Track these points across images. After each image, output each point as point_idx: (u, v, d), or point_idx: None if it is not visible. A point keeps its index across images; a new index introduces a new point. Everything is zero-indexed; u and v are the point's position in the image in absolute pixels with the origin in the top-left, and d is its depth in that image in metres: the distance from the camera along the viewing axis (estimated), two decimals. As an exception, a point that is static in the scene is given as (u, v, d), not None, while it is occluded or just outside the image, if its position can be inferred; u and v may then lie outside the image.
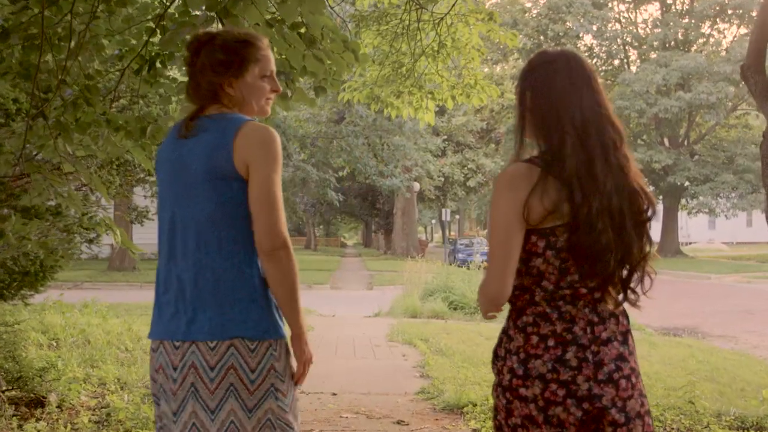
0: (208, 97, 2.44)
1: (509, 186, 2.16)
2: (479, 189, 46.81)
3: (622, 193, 2.16)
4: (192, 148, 2.38)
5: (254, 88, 2.49)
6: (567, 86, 2.22)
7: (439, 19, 7.46)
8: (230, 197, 2.34)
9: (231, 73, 2.43)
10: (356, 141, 31.66)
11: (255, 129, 2.35)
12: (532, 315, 2.19)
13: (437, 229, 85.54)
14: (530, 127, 2.25)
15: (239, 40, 2.48)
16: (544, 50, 2.35)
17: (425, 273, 16.79)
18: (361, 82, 8.23)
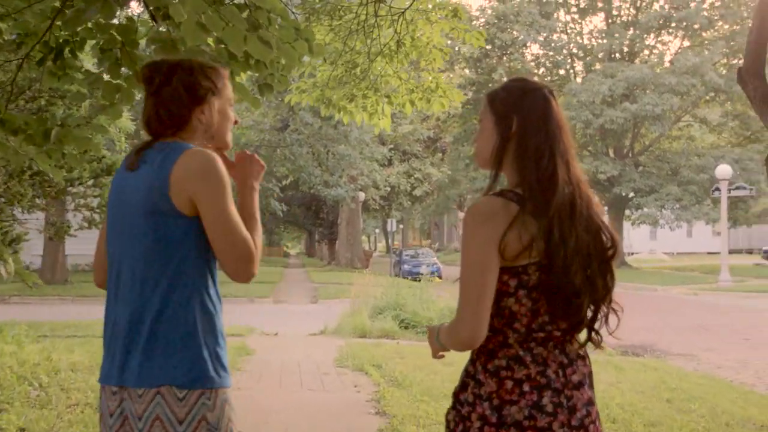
0: (171, 127, 2.31)
1: (484, 221, 2.06)
2: (425, 198, 46.33)
3: (590, 230, 2.12)
4: (133, 182, 2.27)
5: (224, 116, 2.41)
6: (560, 117, 2.17)
7: (398, 14, 6.70)
8: (167, 234, 2.21)
9: (207, 99, 2.34)
10: (300, 150, 30.84)
11: (195, 156, 2.20)
12: (504, 358, 2.11)
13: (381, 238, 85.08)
14: (513, 157, 2.15)
15: (210, 66, 2.40)
16: (524, 78, 2.28)
17: (373, 287, 16.04)
18: (310, 83, 7.41)
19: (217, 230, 2.18)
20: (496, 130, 2.18)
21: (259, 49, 2.80)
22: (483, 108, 2.27)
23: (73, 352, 9.21)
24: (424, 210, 59.21)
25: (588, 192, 2.19)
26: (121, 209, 2.29)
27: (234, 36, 2.74)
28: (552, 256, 2.05)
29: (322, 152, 31.85)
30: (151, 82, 2.33)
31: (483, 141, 2.23)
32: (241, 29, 2.72)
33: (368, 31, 6.81)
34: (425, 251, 40.23)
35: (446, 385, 7.39)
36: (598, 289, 2.15)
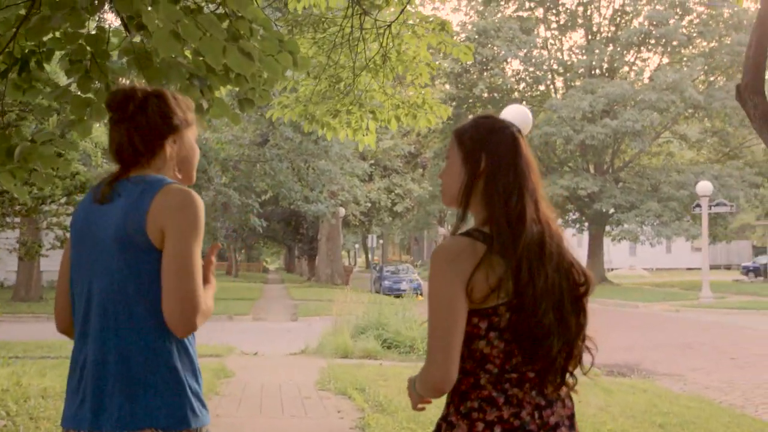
0: (140, 157, 2.23)
1: (451, 262, 2.02)
2: (405, 214, 46.14)
3: (561, 269, 2.09)
4: (105, 215, 2.17)
5: (192, 149, 2.35)
6: (528, 156, 2.16)
7: (384, 27, 6.47)
8: (142, 269, 2.11)
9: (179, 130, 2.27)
10: (280, 165, 30.52)
11: (174, 192, 2.13)
12: (477, 400, 2.07)
13: (360, 253, 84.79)
14: (481, 196, 2.12)
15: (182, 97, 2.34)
16: (492, 115, 2.27)
17: (354, 304, 15.75)
18: (293, 98, 7.15)
19: (172, 266, 2.07)
20: (464, 168, 2.16)
21: (240, 62, 2.54)
22: (451, 145, 2.24)
23: (44, 377, 8.87)
24: (404, 225, 58.98)
25: (558, 230, 2.16)
26: (91, 243, 2.19)
27: (212, 47, 2.47)
28: (520, 297, 2.02)
29: (302, 167, 31.56)
30: (125, 109, 2.24)
31: (450, 178, 2.20)
32: (220, 40, 2.46)
33: (353, 45, 6.58)
34: (406, 267, 40.01)
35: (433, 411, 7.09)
36: (571, 328, 2.11)
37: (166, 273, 2.07)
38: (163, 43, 2.38)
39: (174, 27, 2.32)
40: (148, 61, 3.08)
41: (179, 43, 2.41)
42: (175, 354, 2.14)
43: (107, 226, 2.15)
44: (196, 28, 2.43)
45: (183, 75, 3.10)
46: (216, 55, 2.47)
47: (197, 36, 2.45)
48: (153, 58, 3.08)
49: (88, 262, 2.20)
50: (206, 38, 2.44)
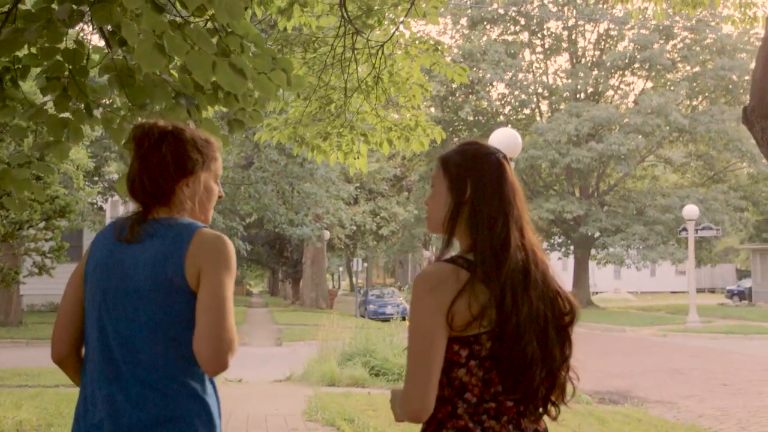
0: (157, 196, 2.22)
1: (432, 289, 2.00)
2: (390, 237, 45.91)
3: (545, 297, 2.08)
4: (136, 255, 2.17)
5: (208, 191, 2.35)
6: (514, 182, 2.16)
7: (377, 47, 6.26)
8: (178, 311, 2.12)
9: (194, 172, 2.26)
10: (265, 188, 30.24)
11: (209, 237, 2.17)
12: (452, 429, 2.05)
13: (345, 276, 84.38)
14: (466, 223, 2.12)
15: (203, 137, 2.32)
16: (478, 141, 2.26)
17: (340, 329, 15.46)
18: (282, 120, 6.92)
19: (208, 306, 2.08)
20: (449, 195, 2.15)
21: (231, 79, 2.29)
22: (436, 171, 2.23)
23: (20, 408, 8.53)
24: (389, 248, 58.72)
25: (543, 258, 2.15)
26: (118, 283, 2.16)
27: (200, 62, 2.23)
28: (503, 325, 1.99)
29: (287, 190, 31.30)
30: (141, 145, 2.23)
31: (436, 205, 2.19)
32: (209, 54, 2.23)
33: (344, 65, 6.37)
34: (391, 291, 39.77)
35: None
36: (555, 357, 2.09)
37: (201, 312, 2.08)
38: (146, 58, 2.13)
39: (158, 39, 2.09)
40: (130, 79, 2.84)
41: (164, 57, 2.18)
42: (207, 391, 2.18)
43: (140, 267, 2.14)
44: (183, 41, 2.19)
45: (168, 94, 2.86)
46: (205, 71, 2.22)
47: (184, 50, 2.20)
48: (136, 76, 2.85)
49: (113, 302, 2.17)
50: (194, 52, 2.19)
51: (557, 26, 42.12)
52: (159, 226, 2.18)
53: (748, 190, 42.15)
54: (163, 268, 2.12)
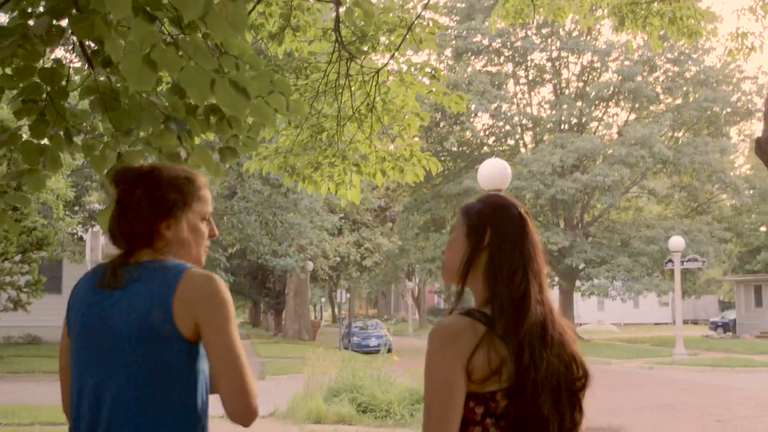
0: (139, 240, 2.11)
1: (450, 342, 1.94)
2: (373, 268, 45.59)
3: (562, 358, 2.01)
4: (119, 302, 2.03)
5: (195, 232, 2.20)
6: (535, 237, 2.11)
7: (372, 73, 6.02)
8: (167, 361, 2.00)
9: (173, 213, 2.13)
10: (248, 218, 29.90)
11: (198, 279, 2.03)
12: None
13: (327, 306, 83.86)
14: (483, 272, 2.05)
15: (183, 176, 2.18)
16: (501, 194, 2.22)
17: (325, 363, 15.10)
18: (272, 149, 6.65)
19: (224, 359, 1.98)
20: (467, 241, 2.10)
21: (231, 98, 2.00)
22: (456, 220, 2.19)
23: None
24: (372, 279, 58.39)
25: (560, 318, 2.09)
26: (102, 335, 2.03)
27: (197, 79, 1.93)
28: (521, 381, 1.94)
29: (270, 221, 30.98)
30: (116, 189, 2.14)
31: (452, 252, 2.14)
32: (208, 70, 1.95)
33: (338, 92, 6.12)
34: (375, 323, 39.41)
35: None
36: (565, 422, 2.02)
37: (217, 370, 1.99)
38: (134, 75, 1.84)
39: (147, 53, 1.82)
40: (114, 102, 2.57)
41: (154, 74, 1.90)
42: None
43: (124, 316, 2.02)
44: (176, 56, 1.91)
45: (157, 118, 2.59)
46: (202, 90, 1.91)
47: (178, 65, 1.92)
48: (121, 98, 2.58)
49: (97, 356, 2.05)
50: (190, 68, 1.90)
51: (541, 58, 42.30)
52: (143, 269, 2.04)
53: (731, 221, 42.26)
54: (149, 315, 1.98)
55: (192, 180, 2.21)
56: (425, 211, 42.09)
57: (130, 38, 1.83)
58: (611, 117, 42.78)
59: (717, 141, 38.98)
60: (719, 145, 38.83)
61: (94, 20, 1.97)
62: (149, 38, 1.86)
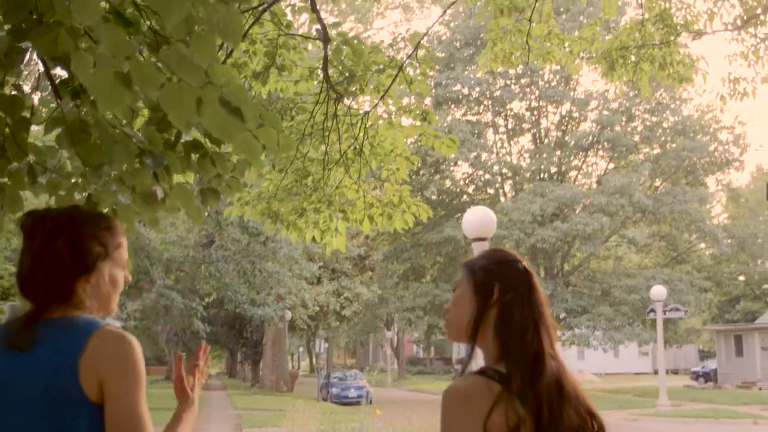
0: (55, 295, 1.94)
1: (464, 402, 1.88)
2: (353, 318, 45.07)
3: (580, 414, 1.95)
4: (24, 365, 1.88)
5: (114, 283, 2.05)
6: (541, 291, 2.07)
7: (361, 115, 5.76)
8: (75, 428, 1.84)
9: (95, 267, 1.98)
10: (227, 266, 29.45)
11: (108, 338, 1.88)
12: None
13: (304, 356, 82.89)
14: (494, 329, 1.97)
15: (104, 225, 2.03)
16: (503, 249, 2.17)
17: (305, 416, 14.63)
18: (255, 194, 6.33)
19: (124, 422, 1.83)
20: (475, 298, 2.02)
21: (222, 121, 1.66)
22: (460, 276, 2.11)
23: None
24: (351, 329, 57.75)
25: (571, 373, 2.03)
26: (9, 398, 1.88)
27: (181, 99, 1.61)
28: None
29: (249, 269, 30.53)
30: (32, 238, 1.97)
31: (458, 310, 2.05)
32: (194, 86, 1.64)
33: (325, 134, 5.84)
34: (354, 374, 38.81)
35: None
36: None
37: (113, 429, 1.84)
38: (104, 92, 1.51)
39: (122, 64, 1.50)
40: (84, 135, 2.26)
41: (129, 92, 1.58)
42: None
43: (30, 381, 1.87)
44: (155, 69, 1.59)
45: (132, 152, 2.27)
46: (186, 111, 1.58)
47: (157, 81, 1.61)
48: (91, 131, 2.27)
49: (3, 423, 1.90)
50: (172, 85, 1.59)
51: (520, 107, 42.50)
52: (52, 328, 1.90)
53: (711, 270, 42.27)
54: (56, 379, 1.85)
55: (112, 227, 2.08)
56: (405, 260, 41.77)
57: (100, 49, 1.53)
58: (590, 166, 42.93)
59: (696, 190, 39.15)
60: (698, 195, 39.00)
61: (59, 34, 1.67)
62: (122, 48, 1.53)
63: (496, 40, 8.28)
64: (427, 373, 63.78)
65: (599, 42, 8.94)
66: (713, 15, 8.64)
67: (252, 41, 5.36)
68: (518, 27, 8.24)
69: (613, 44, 8.86)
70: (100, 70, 1.52)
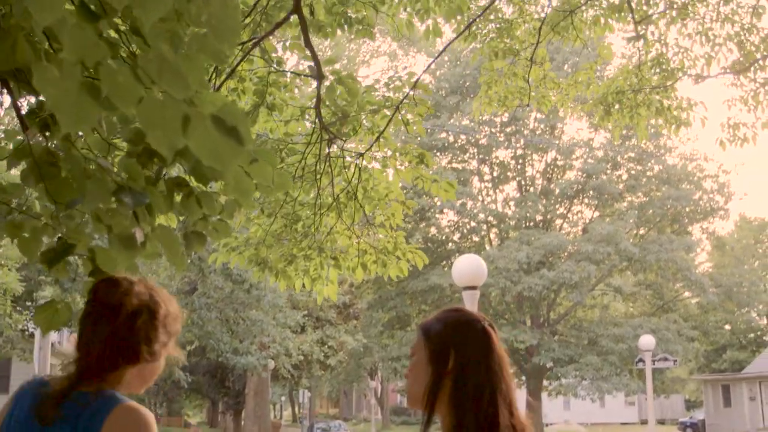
0: (103, 372, 1.93)
1: None
2: (337, 367, 44.44)
3: None
4: None
5: (161, 366, 2.12)
6: (501, 353, 2.00)
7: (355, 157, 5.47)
8: None
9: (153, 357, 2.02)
10: (209, 314, 28.92)
11: (124, 415, 1.87)
12: None
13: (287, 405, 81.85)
14: (449, 397, 1.93)
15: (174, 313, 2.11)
16: (461, 308, 2.13)
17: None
18: (242, 240, 5.99)
19: None
20: (430, 367, 1.98)
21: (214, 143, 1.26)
22: (416, 340, 2.06)
23: None
24: (334, 378, 56.95)
25: None
26: None
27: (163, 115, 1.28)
28: None
29: (232, 317, 29.99)
30: (116, 313, 1.93)
31: (415, 378, 2.02)
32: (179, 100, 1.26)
33: (317, 178, 5.54)
34: (338, 425, 38.26)
35: None
36: None
37: None
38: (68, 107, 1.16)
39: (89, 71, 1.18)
40: (52, 169, 1.94)
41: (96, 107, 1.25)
42: None
43: None
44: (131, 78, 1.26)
45: (107, 189, 1.95)
46: (170, 131, 1.25)
47: (134, 94, 1.26)
48: (61, 164, 1.95)
49: None
50: (152, 99, 1.27)
51: (505, 156, 42.51)
52: (77, 404, 1.86)
53: (698, 319, 42.03)
54: None
55: (178, 316, 2.11)
56: (390, 309, 41.26)
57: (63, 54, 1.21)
58: (576, 214, 42.85)
59: (682, 238, 39.10)
60: (684, 243, 38.93)
61: (17, 41, 1.36)
62: (91, 51, 1.21)
63: (490, 83, 8.08)
64: (412, 424, 62.88)
65: (595, 86, 8.76)
66: (711, 59, 8.48)
67: (241, 79, 5.09)
68: (513, 70, 8.04)
69: (609, 88, 8.68)
70: (63, 79, 1.19)
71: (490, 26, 8.01)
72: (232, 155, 1.25)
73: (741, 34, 8.34)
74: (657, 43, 8.59)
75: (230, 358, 31.33)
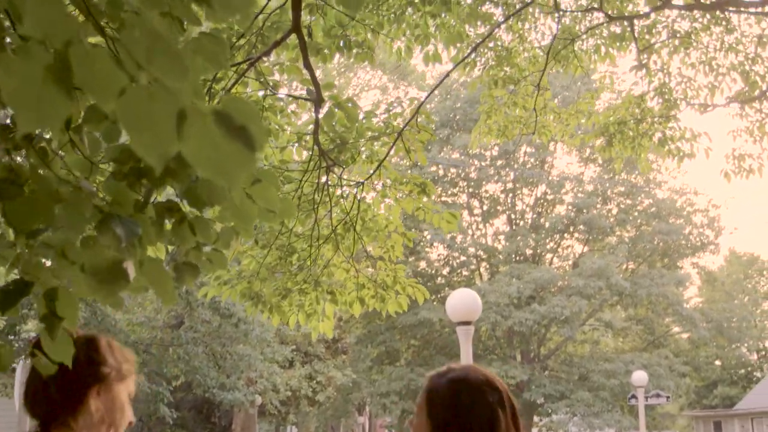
0: (58, 410, 1.83)
1: None
2: (325, 402, 43.83)
3: None
4: None
5: (122, 411, 1.97)
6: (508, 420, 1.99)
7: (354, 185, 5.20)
8: None
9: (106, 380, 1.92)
10: (196, 349, 28.40)
11: None
12: None
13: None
14: None
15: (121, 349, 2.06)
16: (470, 376, 2.02)
17: None
18: (235, 273, 5.68)
19: None
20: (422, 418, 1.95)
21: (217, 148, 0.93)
22: (420, 400, 1.99)
23: None
24: (321, 414, 56.19)
25: None
26: None
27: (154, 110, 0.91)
28: None
29: (219, 352, 29.47)
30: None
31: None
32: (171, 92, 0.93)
33: (314, 207, 5.26)
34: (326, 462, 37.48)
35: None
36: None
37: None
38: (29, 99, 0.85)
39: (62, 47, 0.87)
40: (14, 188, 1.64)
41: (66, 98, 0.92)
42: None
43: None
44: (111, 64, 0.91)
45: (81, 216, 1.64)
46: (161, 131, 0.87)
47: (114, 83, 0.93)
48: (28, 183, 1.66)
49: None
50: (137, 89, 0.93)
51: (495, 190, 42.40)
52: None
53: (689, 354, 41.77)
54: None
55: (129, 357, 2.05)
56: (379, 344, 40.84)
57: (24, 29, 0.91)
58: (566, 249, 42.66)
59: (672, 273, 38.96)
60: (675, 277, 38.78)
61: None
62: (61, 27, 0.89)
63: (489, 113, 7.85)
64: (400, 460, 62.07)
65: (596, 116, 8.55)
66: (714, 89, 8.30)
67: (234, 103, 4.81)
68: (513, 99, 7.82)
69: (611, 118, 8.47)
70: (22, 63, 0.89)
71: (490, 54, 7.80)
72: (239, 164, 0.92)
73: (745, 63, 8.17)
74: (660, 72, 8.40)
75: (217, 393, 30.71)
